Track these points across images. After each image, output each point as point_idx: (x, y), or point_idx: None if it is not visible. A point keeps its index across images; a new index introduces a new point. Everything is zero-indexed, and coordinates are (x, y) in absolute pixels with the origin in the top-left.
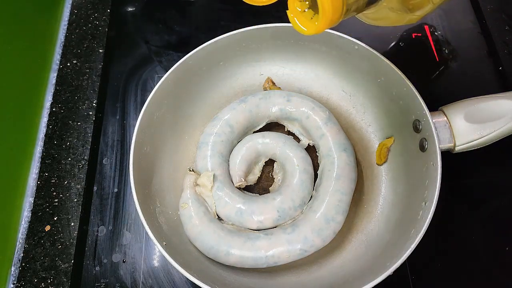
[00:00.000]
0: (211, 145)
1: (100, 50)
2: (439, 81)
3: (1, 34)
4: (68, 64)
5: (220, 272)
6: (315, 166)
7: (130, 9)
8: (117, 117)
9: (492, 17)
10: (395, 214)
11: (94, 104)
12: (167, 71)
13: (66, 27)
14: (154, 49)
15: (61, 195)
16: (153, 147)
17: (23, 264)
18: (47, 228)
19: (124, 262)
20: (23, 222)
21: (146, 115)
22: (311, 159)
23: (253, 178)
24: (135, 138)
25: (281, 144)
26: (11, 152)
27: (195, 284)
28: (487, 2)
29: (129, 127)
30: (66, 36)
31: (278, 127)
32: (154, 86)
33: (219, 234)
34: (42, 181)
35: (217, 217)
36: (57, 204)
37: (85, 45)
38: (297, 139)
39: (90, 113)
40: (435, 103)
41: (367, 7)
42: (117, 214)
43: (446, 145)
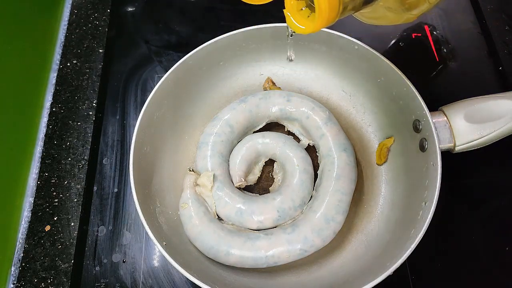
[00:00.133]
0: (211, 145)
1: (100, 50)
2: (439, 81)
3: (1, 34)
4: (68, 64)
5: (220, 272)
6: (315, 166)
7: (130, 9)
8: (117, 117)
9: (492, 17)
10: (395, 214)
11: (94, 104)
12: (167, 71)
13: (66, 27)
14: (154, 49)
15: (61, 195)
16: (153, 147)
17: (23, 264)
18: (47, 228)
19: (124, 262)
20: (23, 222)
21: (146, 115)
22: (311, 159)
23: (253, 178)
24: (135, 138)
25: (281, 144)
26: (11, 152)
27: (195, 284)
28: (487, 2)
29: (129, 127)
30: (66, 36)
31: (278, 127)
32: (154, 86)
33: (219, 234)
34: (42, 181)
35: (217, 217)
36: (57, 204)
37: (85, 45)
38: (297, 139)
39: (90, 113)
40: (435, 103)
41: (364, 6)
42: (117, 214)
43: (446, 145)
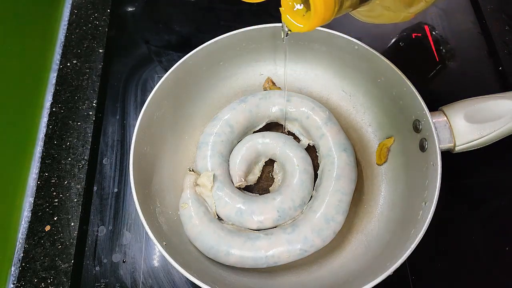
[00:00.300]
0: (211, 145)
1: (100, 50)
2: (439, 81)
3: (1, 34)
4: (68, 64)
5: (220, 272)
6: (315, 166)
7: (130, 9)
8: (117, 117)
9: (492, 17)
10: (395, 214)
11: (94, 104)
12: (167, 71)
13: (66, 27)
14: (154, 49)
15: (61, 195)
16: (153, 147)
17: (23, 264)
18: (47, 228)
19: (124, 262)
20: (23, 222)
21: (146, 115)
22: (311, 159)
23: (253, 178)
24: (135, 138)
25: (281, 144)
26: (11, 152)
27: (195, 284)
28: (487, 2)
29: (129, 127)
30: (66, 36)
31: (278, 127)
32: (154, 86)
33: (219, 234)
34: (42, 181)
35: (217, 217)
36: (57, 204)
37: (85, 45)
38: (297, 139)
39: (90, 113)
40: (435, 103)
41: (361, 5)
42: (117, 214)
43: (446, 145)
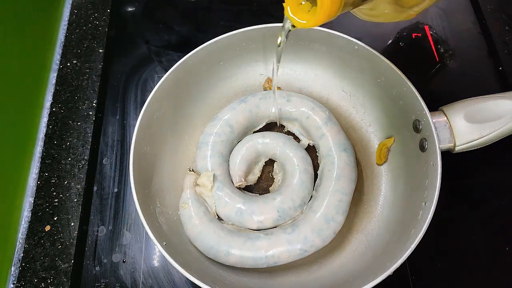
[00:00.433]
0: (211, 145)
1: (100, 50)
2: (439, 81)
3: (1, 34)
4: (68, 64)
5: (220, 272)
6: (315, 166)
7: (130, 9)
8: (117, 117)
9: (492, 17)
10: (395, 214)
11: (94, 104)
12: (167, 71)
13: (66, 27)
14: (154, 49)
15: (61, 195)
16: (153, 147)
17: (23, 264)
18: (47, 228)
19: (124, 262)
20: (23, 222)
21: (146, 115)
22: (311, 159)
23: (253, 178)
24: (135, 138)
25: (281, 144)
26: (11, 152)
27: (195, 284)
28: (487, 2)
29: (129, 127)
30: (66, 36)
31: (278, 127)
32: (154, 86)
33: (219, 234)
34: (42, 181)
35: (217, 217)
36: (57, 204)
37: (85, 45)
38: (297, 139)
39: (90, 113)
40: (435, 103)
41: (364, 2)
42: (117, 214)
43: (446, 145)
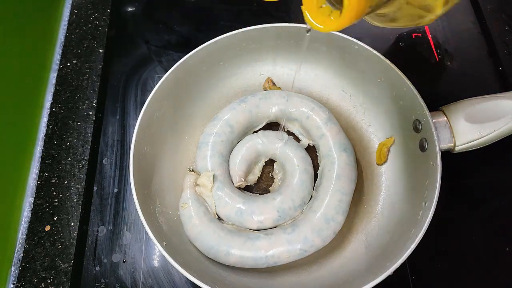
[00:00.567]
0: (211, 145)
1: (100, 50)
2: (439, 81)
3: (1, 34)
4: (68, 64)
5: (220, 272)
6: (315, 166)
7: (130, 9)
8: (117, 117)
9: (492, 17)
10: (395, 214)
11: (94, 104)
12: (167, 71)
13: (66, 27)
14: (154, 49)
15: (61, 195)
16: (153, 147)
17: (23, 264)
18: (47, 228)
19: (124, 262)
20: (23, 222)
21: (146, 115)
22: (311, 159)
23: (253, 178)
24: (135, 138)
25: (281, 144)
26: (11, 152)
27: (195, 284)
28: (487, 2)
29: (129, 127)
30: (66, 36)
31: (278, 127)
32: (154, 86)
33: (219, 234)
34: (42, 181)
35: (217, 217)
36: (57, 204)
37: (85, 45)
38: (297, 139)
39: (90, 113)
40: (435, 103)
41: (386, 4)
42: (117, 214)
43: (446, 145)
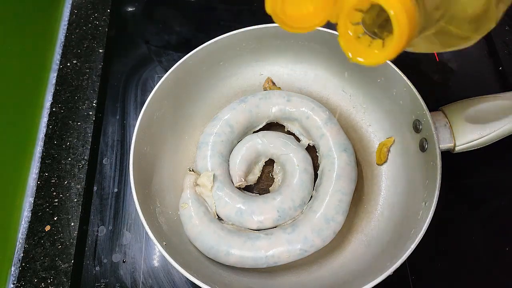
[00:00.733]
0: (211, 145)
1: (100, 50)
2: (439, 81)
3: (1, 34)
4: (68, 64)
5: (220, 272)
6: (315, 166)
7: (130, 9)
8: (117, 117)
9: None
10: (395, 214)
11: (94, 104)
12: (167, 71)
13: (66, 27)
14: (154, 49)
15: (61, 195)
16: (153, 147)
17: (23, 264)
18: (47, 228)
19: (124, 262)
20: (23, 222)
21: (146, 115)
22: (311, 159)
23: (253, 178)
24: (135, 138)
25: (281, 144)
26: (11, 152)
27: (195, 284)
28: None
29: (129, 127)
30: (66, 36)
31: (278, 127)
32: (154, 86)
33: (219, 234)
34: (42, 181)
35: (217, 217)
36: (57, 204)
37: (85, 45)
38: (297, 139)
39: (90, 113)
40: (435, 103)
41: (435, 25)
42: (117, 214)
43: (446, 145)
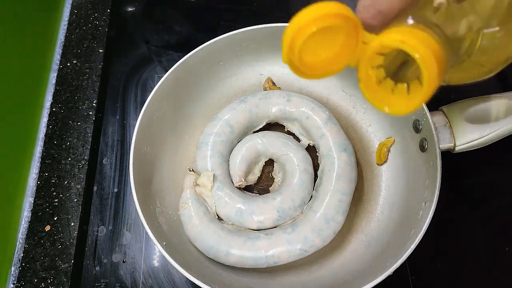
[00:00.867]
0: (211, 145)
1: (100, 50)
2: None
3: (1, 34)
4: (68, 64)
5: (220, 272)
6: (315, 166)
7: (130, 9)
8: (117, 117)
9: None
10: (395, 214)
11: (94, 104)
12: (167, 71)
13: (66, 27)
14: (154, 49)
15: (61, 195)
16: (153, 147)
17: (23, 264)
18: (47, 228)
19: (124, 262)
20: (23, 222)
21: (146, 115)
22: (311, 159)
23: (253, 178)
24: (135, 138)
25: (281, 144)
26: (11, 152)
27: (195, 284)
28: None
29: (129, 127)
30: (66, 36)
31: (278, 127)
32: (154, 86)
33: (219, 234)
34: (42, 181)
35: (217, 217)
36: (57, 204)
37: (85, 45)
38: (297, 139)
39: (90, 113)
40: (435, 103)
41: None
42: (117, 214)
43: (446, 145)
